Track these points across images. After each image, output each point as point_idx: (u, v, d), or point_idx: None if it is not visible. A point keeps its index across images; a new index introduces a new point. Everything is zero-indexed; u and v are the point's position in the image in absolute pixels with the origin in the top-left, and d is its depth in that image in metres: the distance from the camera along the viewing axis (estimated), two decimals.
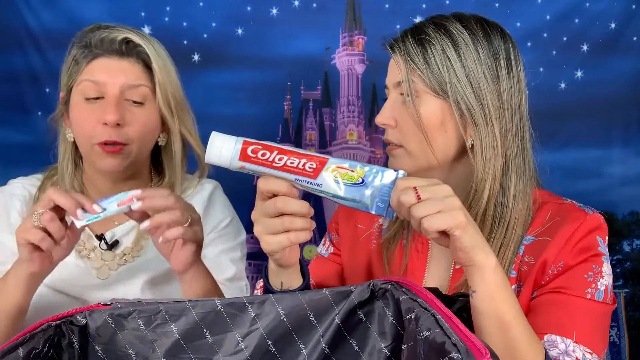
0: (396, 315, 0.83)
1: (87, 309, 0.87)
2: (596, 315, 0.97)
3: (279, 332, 0.86)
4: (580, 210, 1.03)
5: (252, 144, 0.84)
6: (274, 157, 0.85)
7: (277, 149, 0.85)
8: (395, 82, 1.05)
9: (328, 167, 0.85)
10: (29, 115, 2.17)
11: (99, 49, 1.20)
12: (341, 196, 0.86)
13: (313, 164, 0.85)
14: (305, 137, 2.20)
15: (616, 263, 2.19)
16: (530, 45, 2.08)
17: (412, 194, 0.84)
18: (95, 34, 1.21)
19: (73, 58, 1.22)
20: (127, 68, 1.20)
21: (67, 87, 1.23)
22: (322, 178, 0.85)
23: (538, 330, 0.94)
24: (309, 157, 0.85)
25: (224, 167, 0.85)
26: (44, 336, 0.82)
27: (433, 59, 1.01)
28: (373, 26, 2.16)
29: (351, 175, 0.85)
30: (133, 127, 1.19)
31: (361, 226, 1.19)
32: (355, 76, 2.19)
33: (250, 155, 0.84)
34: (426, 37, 1.02)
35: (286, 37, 2.16)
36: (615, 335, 2.08)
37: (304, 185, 0.86)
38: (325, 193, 0.86)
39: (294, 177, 0.85)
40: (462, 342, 0.67)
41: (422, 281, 1.09)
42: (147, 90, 1.21)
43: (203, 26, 2.14)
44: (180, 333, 0.86)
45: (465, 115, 1.01)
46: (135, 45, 1.21)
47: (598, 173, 2.17)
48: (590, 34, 2.15)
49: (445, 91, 1.00)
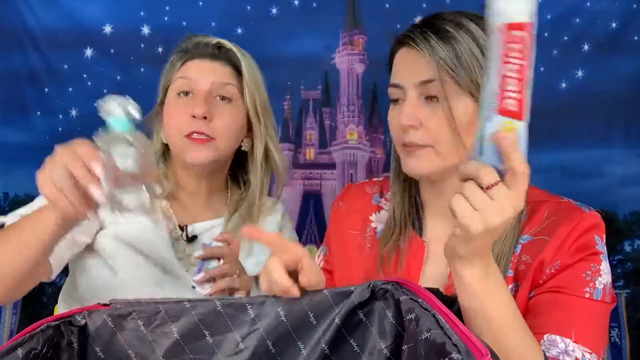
0: (396, 315, 0.83)
1: (86, 309, 0.87)
2: (595, 315, 0.97)
3: (278, 332, 0.86)
4: (577, 209, 1.02)
5: None
6: None
7: None
8: (418, 81, 1.01)
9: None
10: (28, 115, 2.17)
11: (193, 52, 1.30)
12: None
13: None
14: (305, 137, 2.20)
15: (617, 263, 2.19)
16: None
17: (488, 178, 0.80)
18: (191, 40, 1.32)
19: (170, 63, 1.32)
20: (218, 68, 1.29)
21: (163, 89, 1.32)
22: None
23: (537, 330, 0.94)
24: None
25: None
26: (43, 336, 0.82)
27: (463, 58, 1.00)
28: (373, 26, 2.16)
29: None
30: (220, 121, 1.26)
31: (353, 232, 1.19)
32: (356, 76, 2.19)
33: None
34: (450, 34, 1.01)
35: (286, 36, 2.16)
36: (617, 335, 2.08)
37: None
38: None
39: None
40: (463, 342, 0.67)
41: (418, 283, 1.09)
42: (235, 90, 1.29)
43: (203, 26, 2.14)
44: (180, 333, 0.86)
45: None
46: (227, 49, 1.31)
47: (599, 173, 2.17)
48: (591, 34, 2.15)
49: (478, 90, 0.99)
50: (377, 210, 1.19)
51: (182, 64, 1.30)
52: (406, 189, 1.15)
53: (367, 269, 1.14)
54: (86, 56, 2.18)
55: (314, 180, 2.20)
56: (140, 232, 1.25)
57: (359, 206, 1.20)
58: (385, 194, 1.20)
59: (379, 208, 1.19)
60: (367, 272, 1.14)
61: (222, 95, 1.28)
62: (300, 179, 2.19)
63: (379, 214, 1.18)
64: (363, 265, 1.15)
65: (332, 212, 1.24)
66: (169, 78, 1.31)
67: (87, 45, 2.18)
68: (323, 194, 2.18)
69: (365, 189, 1.23)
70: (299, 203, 2.18)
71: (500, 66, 0.79)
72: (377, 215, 1.18)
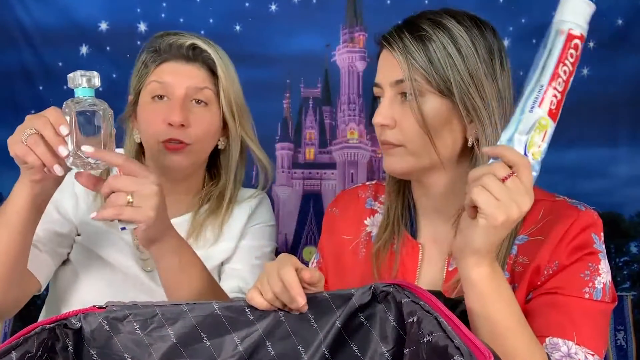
0: (398, 318, 0.83)
1: (82, 311, 0.87)
2: (595, 315, 0.98)
3: (278, 335, 0.87)
4: (572, 208, 1.03)
5: None
6: None
7: None
8: (392, 80, 1.04)
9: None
10: (22, 114, 2.14)
11: (167, 54, 1.29)
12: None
13: None
14: (305, 136, 2.20)
15: (623, 265, 2.19)
16: (535, 42, 2.06)
17: (502, 171, 0.85)
18: (164, 39, 1.31)
19: (142, 62, 1.32)
20: (193, 72, 1.29)
21: (136, 90, 1.33)
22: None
23: (538, 333, 0.95)
24: None
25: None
26: (37, 340, 0.82)
27: (435, 57, 1.01)
28: (374, 23, 2.16)
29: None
30: (196, 128, 1.27)
31: (347, 237, 1.19)
32: (356, 74, 2.19)
33: None
34: (425, 33, 1.02)
35: (285, 33, 2.15)
36: (622, 339, 2.08)
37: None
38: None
39: None
40: (465, 345, 0.67)
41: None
42: (211, 93, 1.30)
43: (200, 22, 2.13)
44: (177, 337, 0.86)
45: (471, 114, 1.01)
46: (202, 50, 1.30)
47: (604, 173, 2.16)
48: (597, 31, 2.14)
49: (451, 90, 1.00)
50: (371, 214, 1.19)
51: (156, 67, 1.29)
52: (400, 189, 1.15)
53: (363, 274, 1.14)
54: (81, 54, 2.18)
55: (313, 180, 2.19)
56: (103, 239, 1.29)
57: (352, 211, 1.21)
58: (379, 197, 1.20)
59: (373, 212, 1.19)
60: (363, 277, 1.14)
61: (198, 99, 1.28)
62: (300, 179, 2.19)
63: (373, 217, 1.19)
64: (359, 270, 1.15)
65: (325, 219, 1.25)
66: (141, 80, 1.31)
67: (82, 42, 2.18)
68: (323, 194, 2.18)
69: (358, 194, 1.23)
70: (298, 203, 2.18)
71: (557, 64, 0.88)
72: (372, 219, 1.19)
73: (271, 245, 1.43)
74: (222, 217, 1.36)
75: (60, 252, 1.32)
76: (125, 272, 1.31)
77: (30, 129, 1.03)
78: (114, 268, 1.32)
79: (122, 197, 1.05)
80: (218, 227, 1.36)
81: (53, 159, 1.02)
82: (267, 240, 1.42)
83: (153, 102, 1.29)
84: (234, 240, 1.36)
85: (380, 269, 1.13)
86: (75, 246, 1.34)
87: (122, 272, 1.32)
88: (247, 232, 1.38)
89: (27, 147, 1.02)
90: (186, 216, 1.36)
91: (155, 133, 1.27)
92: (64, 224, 1.32)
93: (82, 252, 1.33)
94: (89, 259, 1.32)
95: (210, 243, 1.35)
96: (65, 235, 1.32)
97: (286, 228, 2.17)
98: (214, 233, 1.35)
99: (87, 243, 1.32)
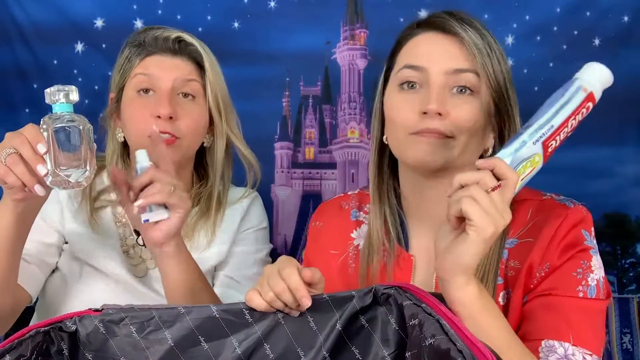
0: (399, 321, 0.83)
1: (77, 314, 0.87)
2: (591, 313, 0.98)
3: (277, 337, 0.87)
4: (560, 206, 1.03)
5: None
6: None
7: None
8: (450, 68, 1.01)
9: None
10: (17, 113, 2.16)
11: (152, 47, 1.29)
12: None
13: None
14: (304, 135, 2.20)
15: (629, 267, 2.19)
16: (539, 39, 2.07)
17: (490, 182, 0.86)
18: (148, 33, 1.30)
19: (125, 58, 1.31)
20: (180, 65, 1.29)
21: (119, 86, 1.32)
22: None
23: (534, 337, 0.95)
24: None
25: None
26: (32, 343, 0.82)
27: (494, 56, 1.01)
28: (375, 19, 2.16)
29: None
30: (185, 121, 1.27)
31: (334, 251, 1.18)
32: (357, 72, 2.19)
33: None
34: (481, 30, 1.03)
35: (285, 30, 2.15)
36: (629, 342, 2.08)
37: None
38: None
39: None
40: (468, 348, 0.67)
41: None
42: (199, 86, 1.30)
43: (198, 19, 2.13)
44: (175, 340, 0.86)
45: (503, 115, 1.02)
46: (188, 44, 1.30)
47: (610, 173, 2.16)
48: (602, 28, 2.14)
49: (499, 91, 1.01)
50: (357, 226, 1.18)
51: (141, 60, 1.29)
52: (386, 197, 1.14)
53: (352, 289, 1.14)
54: (76, 51, 2.18)
55: (313, 180, 2.19)
56: (90, 247, 1.29)
57: (336, 224, 1.20)
58: (363, 207, 1.19)
59: (359, 223, 1.18)
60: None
61: (185, 92, 1.28)
62: (300, 179, 2.19)
63: (359, 229, 1.18)
64: (348, 286, 1.14)
65: (310, 233, 1.24)
66: (125, 75, 1.30)
67: (78, 39, 2.17)
68: (323, 194, 2.18)
69: (342, 205, 1.22)
70: (298, 204, 2.18)
71: (570, 115, 0.96)
72: (359, 231, 1.18)
73: (266, 248, 1.43)
74: (214, 219, 1.35)
75: (49, 262, 1.32)
76: (116, 279, 1.31)
77: (9, 148, 1.02)
78: (104, 275, 1.32)
79: (167, 186, 1.08)
80: (210, 230, 1.35)
81: (33, 179, 1.02)
82: (261, 244, 1.41)
83: (139, 97, 1.28)
84: (227, 244, 1.36)
85: (368, 283, 1.12)
86: (63, 254, 1.34)
87: (112, 279, 1.32)
88: (240, 237, 1.38)
89: (6, 167, 1.02)
90: None
91: (142, 127, 1.26)
92: (51, 233, 1.32)
93: (70, 260, 1.33)
94: (77, 267, 1.33)
95: (204, 247, 1.34)
96: (52, 245, 1.32)
97: (285, 229, 2.17)
98: (206, 237, 1.35)
99: (75, 251, 1.32)
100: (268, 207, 2.14)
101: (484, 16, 2.00)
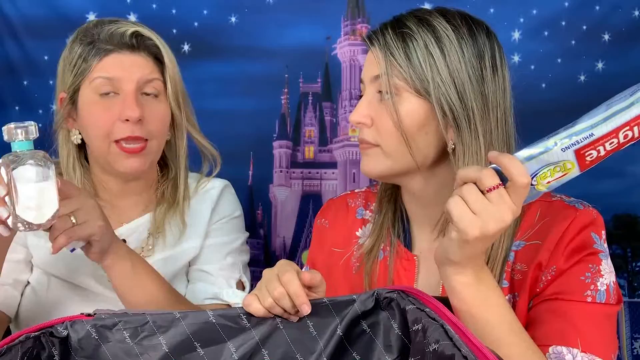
0: (402, 326, 0.83)
1: (69, 319, 0.87)
2: (600, 319, 0.98)
3: (276, 343, 0.87)
4: (569, 207, 1.03)
5: None
6: None
7: None
8: (372, 76, 1.05)
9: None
10: (6, 110, 2.16)
11: (108, 45, 1.26)
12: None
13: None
14: (304, 134, 2.20)
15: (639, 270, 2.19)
16: (547, 34, 2.07)
17: (489, 181, 0.85)
18: (101, 29, 1.27)
19: (79, 56, 1.27)
20: (141, 62, 1.27)
21: (73, 88, 1.28)
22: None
23: (541, 343, 0.94)
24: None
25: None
26: (22, 349, 0.82)
27: (415, 55, 1.02)
28: (377, 14, 2.16)
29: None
30: (153, 122, 1.27)
31: (338, 250, 1.19)
32: (358, 68, 2.19)
33: None
34: (407, 30, 1.03)
35: (283, 25, 2.15)
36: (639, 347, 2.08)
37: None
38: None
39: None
40: (473, 354, 0.67)
41: None
42: (161, 84, 1.29)
43: (194, 14, 2.13)
44: (169, 346, 0.86)
45: (448, 117, 1.01)
46: (145, 38, 1.28)
47: (620, 172, 2.16)
48: (612, 23, 2.14)
49: (428, 90, 1.01)
50: (362, 224, 1.19)
51: (99, 60, 1.26)
52: (392, 196, 1.15)
53: (356, 289, 1.14)
54: None
55: (313, 180, 2.19)
56: (56, 260, 1.27)
57: (342, 222, 1.21)
58: (370, 205, 1.20)
59: (365, 222, 1.19)
60: (356, 292, 1.14)
61: (149, 93, 1.27)
62: (299, 178, 2.19)
63: (365, 228, 1.18)
64: (351, 285, 1.15)
65: (315, 231, 1.25)
66: (81, 76, 1.27)
67: (69, 34, 2.17)
68: (323, 194, 2.18)
69: (348, 202, 1.23)
70: (297, 205, 2.18)
71: (621, 125, 0.85)
72: (364, 229, 1.18)
73: (241, 237, 1.42)
74: (182, 209, 1.35)
75: (21, 279, 1.34)
76: (86, 289, 1.32)
77: None
78: (73, 286, 1.32)
79: (66, 220, 1.06)
80: (180, 220, 1.34)
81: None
82: (236, 233, 1.40)
83: (101, 100, 1.26)
84: (200, 238, 1.35)
85: (375, 284, 1.12)
86: (33, 268, 1.35)
87: (81, 289, 1.32)
88: (212, 229, 1.37)
89: None
90: (146, 216, 1.36)
91: (107, 133, 1.25)
92: (18, 249, 1.32)
93: (39, 274, 1.34)
94: (45, 279, 1.33)
95: (175, 240, 1.34)
96: (21, 261, 1.33)
97: (284, 231, 2.17)
98: (177, 228, 1.34)
99: (42, 265, 1.33)
100: (266, 208, 2.15)
101: (489, 10, 2.00)
